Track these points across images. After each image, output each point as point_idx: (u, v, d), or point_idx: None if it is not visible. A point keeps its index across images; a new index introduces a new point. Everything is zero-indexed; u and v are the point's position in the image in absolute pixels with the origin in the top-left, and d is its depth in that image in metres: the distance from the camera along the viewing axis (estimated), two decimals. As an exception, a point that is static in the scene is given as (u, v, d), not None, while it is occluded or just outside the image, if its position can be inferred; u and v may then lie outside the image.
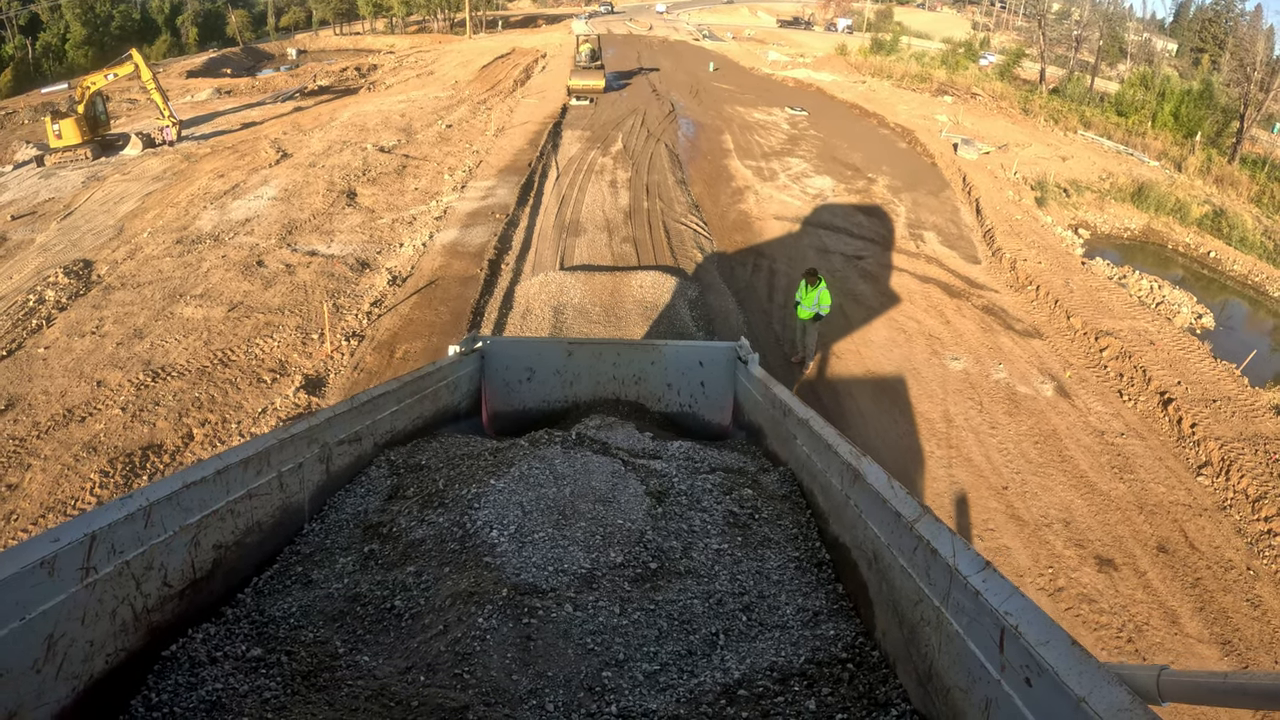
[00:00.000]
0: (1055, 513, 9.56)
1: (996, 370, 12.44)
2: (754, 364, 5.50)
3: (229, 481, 2.67)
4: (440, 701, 2.32)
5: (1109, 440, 11.35)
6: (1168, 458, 11.26)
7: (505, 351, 6.12)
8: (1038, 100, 39.47)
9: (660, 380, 6.07)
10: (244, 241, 15.72)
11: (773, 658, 2.53)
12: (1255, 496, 10.49)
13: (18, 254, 18.38)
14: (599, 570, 3.12)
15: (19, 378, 11.96)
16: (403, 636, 2.69)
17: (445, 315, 11.97)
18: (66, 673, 1.99)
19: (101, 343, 12.45)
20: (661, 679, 2.49)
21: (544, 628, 2.65)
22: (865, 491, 2.70)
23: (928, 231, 18.43)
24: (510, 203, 17.29)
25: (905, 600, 2.28)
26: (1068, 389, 12.42)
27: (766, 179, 21.21)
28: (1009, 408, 11.50)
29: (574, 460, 4.08)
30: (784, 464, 4.10)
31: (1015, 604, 1.75)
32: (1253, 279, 20.79)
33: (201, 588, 2.56)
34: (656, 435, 5.18)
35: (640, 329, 11.46)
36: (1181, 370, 13.31)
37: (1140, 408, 12.39)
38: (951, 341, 13.11)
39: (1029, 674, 1.63)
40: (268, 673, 2.39)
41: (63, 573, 1.96)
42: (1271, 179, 29.53)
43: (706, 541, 3.40)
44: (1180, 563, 9.32)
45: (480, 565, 3.08)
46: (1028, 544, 8.96)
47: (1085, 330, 14.33)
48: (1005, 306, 14.92)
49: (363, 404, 3.86)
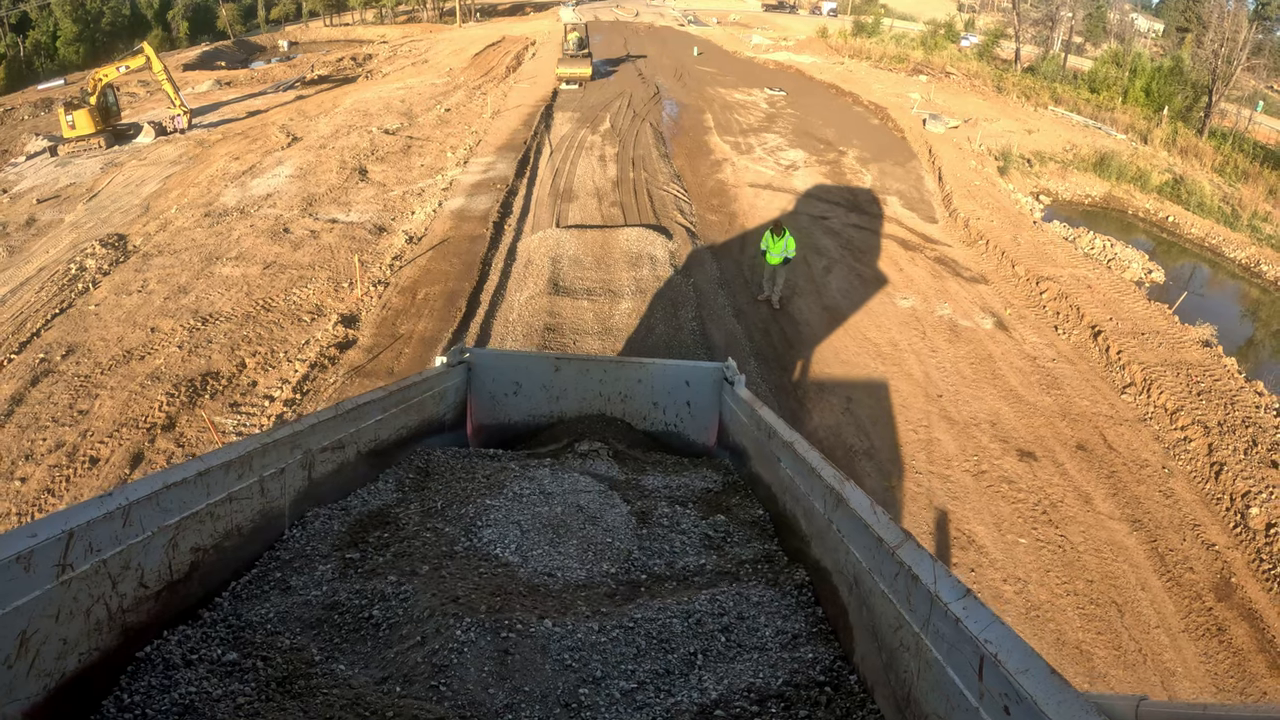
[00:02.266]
0: (984, 416, 11.28)
1: (941, 308, 14.17)
2: (740, 385, 5.45)
3: (210, 484, 2.65)
4: (415, 713, 2.32)
5: (1040, 364, 13.05)
6: (1094, 379, 12.91)
7: (492, 364, 6.11)
8: (1011, 78, 40.91)
9: (646, 399, 6.08)
10: (268, 213, 17.33)
11: (750, 679, 2.54)
12: (1173, 409, 11.99)
13: (49, 232, 19.81)
14: (589, 585, 3.24)
15: (75, 329, 13.52)
16: (379, 646, 2.70)
17: (458, 266, 13.72)
18: (39, 670, 1.99)
19: (149, 298, 14.05)
20: (638, 697, 2.50)
21: (521, 643, 2.67)
22: (848, 516, 2.69)
23: (891, 196, 20.12)
24: (509, 175, 19.03)
25: (885, 625, 2.28)
26: (1006, 324, 14.13)
27: (743, 153, 22.88)
28: (950, 337, 13.22)
29: (562, 480, 4.29)
30: (767, 486, 4.11)
31: (995, 632, 1.75)
32: (1209, 241, 21.99)
33: (178, 590, 2.52)
34: (639, 458, 5.35)
35: (627, 275, 13.17)
36: (1115, 309, 14.95)
37: (1073, 339, 14.06)
38: (903, 285, 14.82)
39: (1007, 702, 1.62)
40: (242, 678, 2.39)
41: (39, 569, 1.95)
42: (1236, 150, 30.60)
43: (686, 561, 3.53)
44: (1098, 460, 10.85)
45: (480, 576, 3.20)
46: (956, 438, 10.69)
47: (1028, 277, 16.01)
48: (956, 258, 16.63)
49: (347, 411, 3.82)
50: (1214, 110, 34.75)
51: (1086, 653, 8.08)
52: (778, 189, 19.68)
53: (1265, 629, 8.64)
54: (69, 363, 12.45)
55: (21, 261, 17.89)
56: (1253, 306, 19.12)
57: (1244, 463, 10.89)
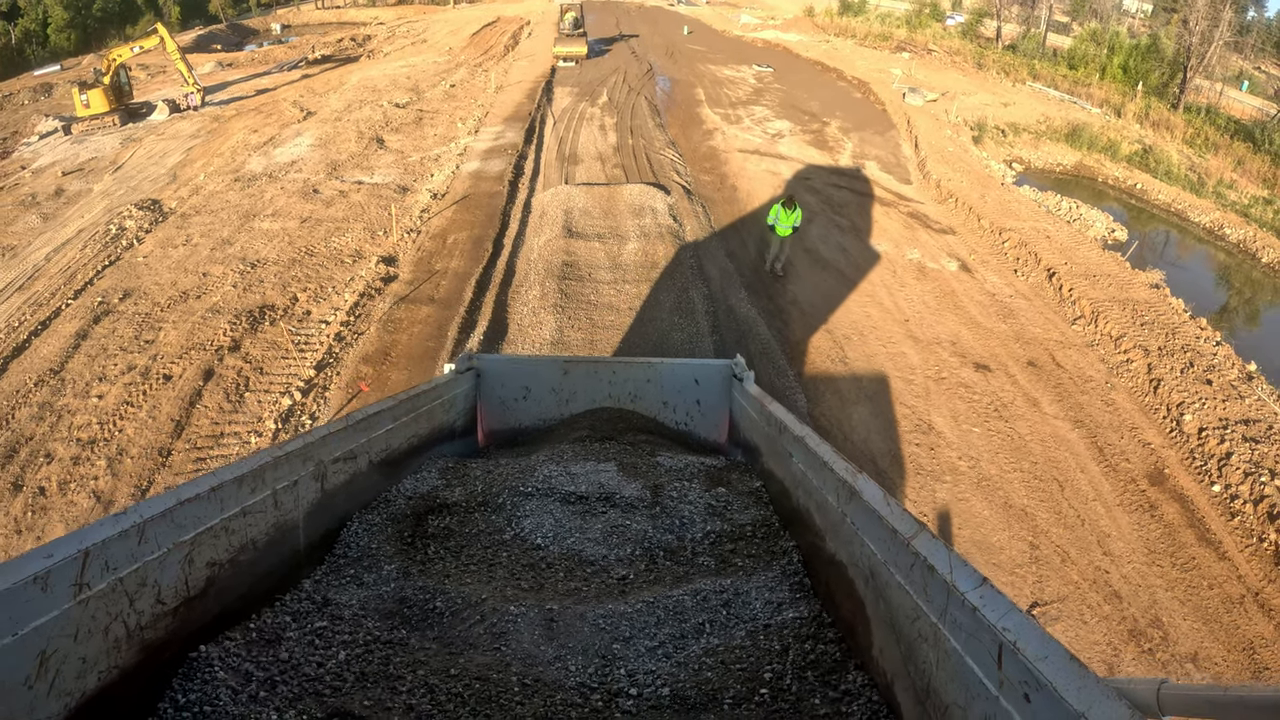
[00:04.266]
0: (945, 337, 12.90)
1: (911, 253, 15.79)
2: (749, 381, 5.49)
3: (223, 499, 2.68)
4: (482, 660, 2.74)
5: (999, 299, 14.66)
6: (1047, 312, 14.47)
7: (501, 370, 6.15)
8: (992, 55, 42.26)
9: (656, 398, 6.13)
10: (296, 178, 18.75)
11: (744, 639, 2.91)
12: (1118, 336, 13.46)
13: (80, 200, 20.91)
14: (615, 565, 3.63)
15: (127, 277, 14.75)
16: (445, 628, 3.01)
17: (481, 217, 15.32)
18: (59, 689, 2.02)
19: (195, 249, 15.45)
20: (659, 651, 2.87)
21: (564, 613, 3.10)
22: (861, 508, 2.73)
23: (869, 161, 21.70)
24: (518, 142, 20.58)
25: (902, 617, 2.31)
26: (970, 266, 15.75)
27: (733, 123, 24.42)
28: (917, 276, 14.85)
29: (584, 462, 4.69)
30: (780, 481, 4.17)
31: (1013, 620, 1.75)
32: (1175, 207, 23.20)
33: (195, 605, 2.57)
34: (649, 442, 5.58)
35: (632, 222, 14.75)
36: (1070, 256, 16.55)
37: (1030, 280, 15.68)
38: (877, 235, 16.44)
39: (1028, 690, 1.63)
40: (326, 649, 2.70)
41: (56, 588, 1.98)
42: (1208, 124, 31.66)
43: (694, 530, 3.91)
44: (1047, 374, 12.36)
45: (524, 563, 3.61)
46: (920, 353, 12.32)
47: (992, 228, 17.64)
48: (927, 213, 18.25)
49: (358, 422, 3.86)
50: (1189, 87, 35.80)
51: (1030, 514, 9.54)
52: (764, 154, 21.25)
53: (1195, 510, 9.93)
54: (127, 304, 13.76)
55: (58, 226, 19.01)
56: (1210, 263, 20.38)
57: (1180, 380, 12.31)
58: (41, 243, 17.86)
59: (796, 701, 2.59)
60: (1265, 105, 36.89)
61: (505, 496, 4.19)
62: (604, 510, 4.11)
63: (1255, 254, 20.11)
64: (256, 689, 2.48)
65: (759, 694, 2.61)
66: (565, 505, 4.14)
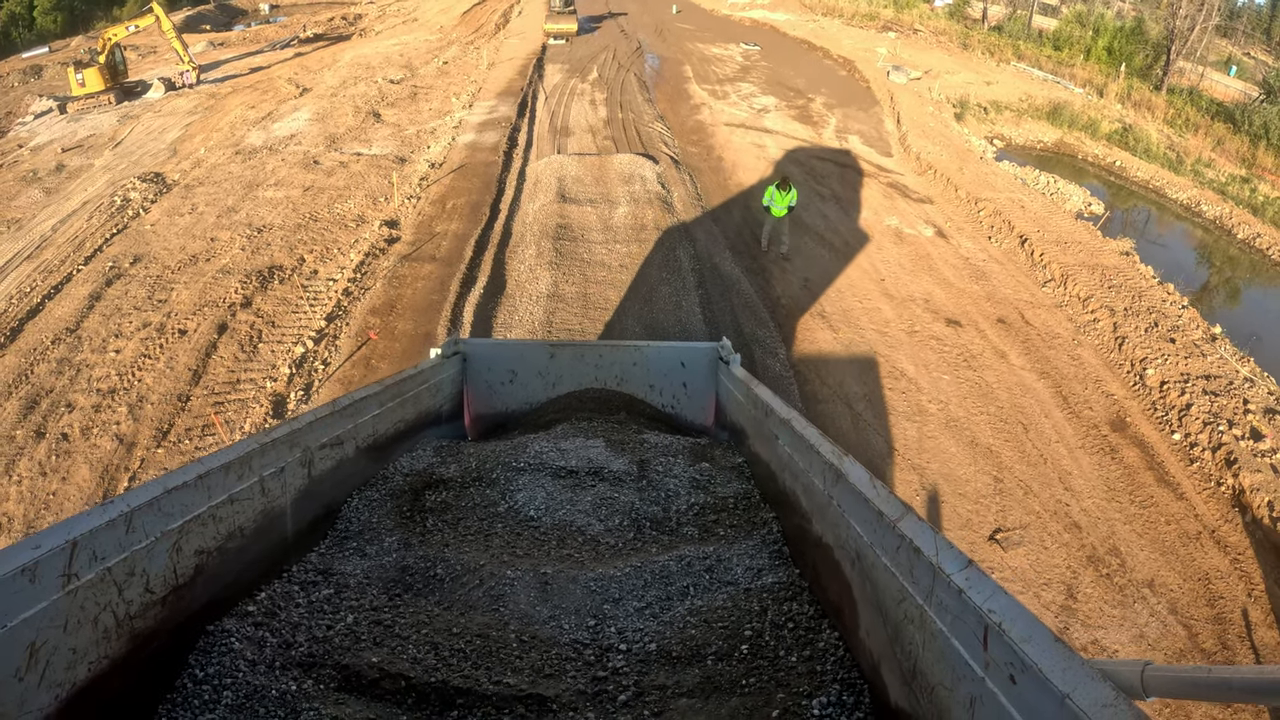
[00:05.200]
0: (919, 295, 13.62)
1: (889, 219, 16.50)
2: (735, 364, 5.53)
3: (210, 486, 2.69)
4: (482, 620, 2.92)
5: (973, 263, 15.37)
6: (1019, 275, 15.13)
7: (487, 354, 6.18)
8: (977, 36, 42.81)
9: (643, 381, 6.17)
10: (296, 150, 19.28)
11: (726, 601, 3.09)
12: (1085, 297, 14.12)
13: (82, 175, 21.29)
14: (605, 535, 3.81)
15: (136, 244, 15.23)
16: (446, 592, 3.18)
17: (477, 184, 15.99)
18: (49, 680, 2.02)
19: (201, 217, 15.99)
20: (646, 611, 3.06)
21: (557, 577, 3.29)
22: (848, 491, 2.74)
23: (852, 135, 22.36)
24: (512, 115, 21.20)
25: (889, 599, 2.33)
26: (945, 233, 16.47)
27: (720, 98, 25.02)
28: (895, 240, 15.57)
29: (574, 439, 4.89)
30: (766, 464, 4.20)
31: (999, 602, 1.77)
32: (1154, 184, 23.44)
33: (184, 594, 2.58)
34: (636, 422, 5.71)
35: (622, 189, 15.41)
36: (1043, 225, 17.22)
37: (1003, 246, 16.38)
38: (857, 203, 17.14)
39: (1013, 671, 1.65)
40: (334, 615, 2.83)
41: (44, 580, 1.98)
42: (1189, 105, 31.93)
43: (679, 502, 4.10)
44: (1015, 330, 13.03)
45: (519, 533, 3.78)
46: (895, 309, 13.05)
47: (969, 198, 18.33)
48: (906, 184, 18.94)
49: (344, 407, 3.87)
50: (1173, 69, 36.26)
51: (995, 452, 10.23)
52: (750, 128, 21.88)
53: (1154, 455, 10.50)
54: (138, 268, 14.27)
55: (61, 199, 19.45)
56: (1184, 237, 20.86)
57: (1145, 338, 12.91)
58: (46, 215, 18.24)
59: (774, 657, 2.75)
60: (1248, 88, 37.44)
61: (499, 472, 4.33)
62: (593, 484, 4.27)
63: (1231, 230, 20.46)
64: (272, 655, 2.62)
65: (739, 650, 2.79)
66: (556, 479, 4.29)
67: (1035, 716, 1.58)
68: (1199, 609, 8.51)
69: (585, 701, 2.60)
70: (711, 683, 2.65)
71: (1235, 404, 11.45)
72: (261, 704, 2.43)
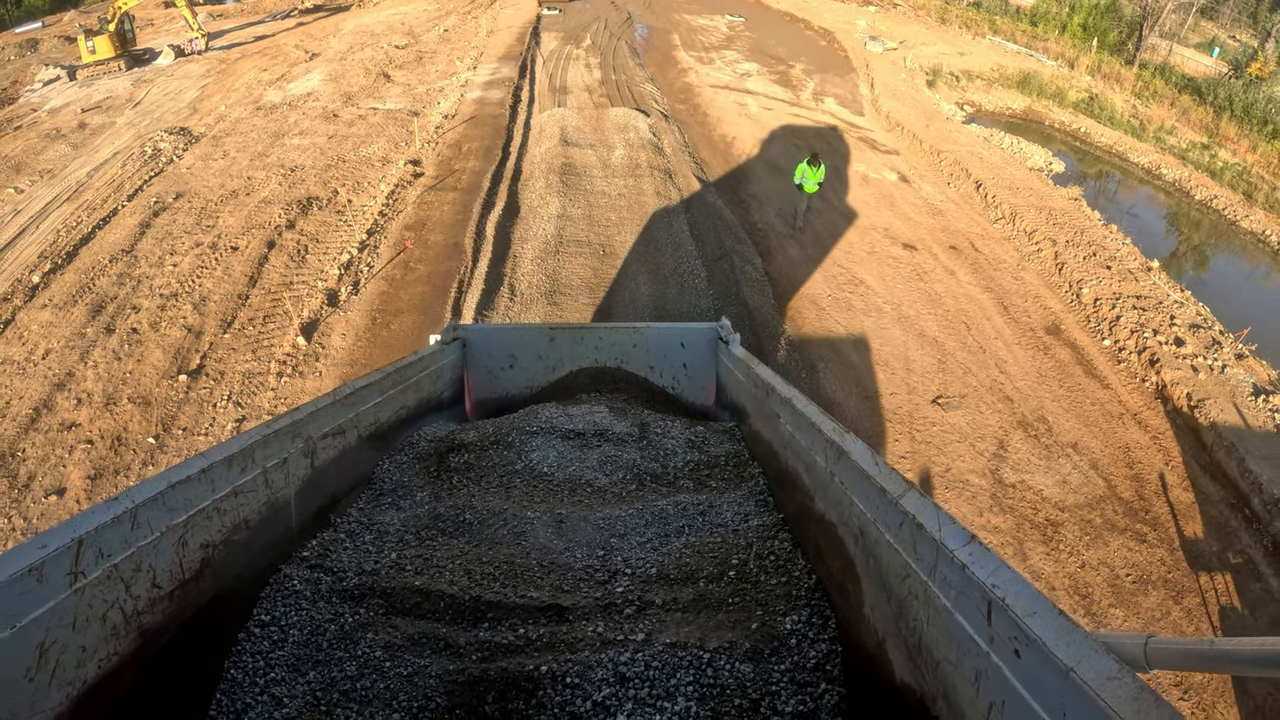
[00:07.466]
0: (880, 225, 15.47)
1: (857, 166, 18.34)
2: (735, 344, 5.59)
3: (214, 479, 2.68)
4: (508, 551, 3.38)
5: (930, 203, 17.21)
6: (972, 213, 16.93)
7: (487, 339, 6.23)
8: (955, 10, 44.31)
9: (643, 362, 6.22)
10: (314, 106, 20.84)
11: (716, 538, 3.48)
12: (1030, 230, 15.85)
13: (106, 131, 22.29)
14: (610, 487, 4.20)
15: (176, 184, 16.46)
16: (473, 534, 3.60)
17: (488, 132, 17.81)
18: (60, 679, 2.03)
19: (234, 161, 17.52)
20: (648, 545, 3.48)
21: (570, 517, 3.73)
22: (850, 468, 2.73)
23: (828, 98, 24.16)
24: (514, 76, 22.93)
25: (893, 575, 2.34)
26: (908, 178, 18.32)
27: (705, 64, 26.78)
28: (861, 184, 17.42)
29: (580, 405, 5.34)
30: (767, 443, 4.24)
31: (1002, 576, 1.78)
32: (1117, 149, 24.72)
33: (190, 588, 2.57)
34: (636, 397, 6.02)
35: (618, 137, 17.20)
36: (999, 174, 18.97)
37: (960, 190, 18.20)
38: (829, 152, 18.92)
39: (1017, 645, 1.66)
40: (379, 555, 3.32)
41: (51, 579, 1.98)
42: (1158, 78, 33.13)
43: (676, 461, 4.46)
44: (965, 256, 14.75)
45: (536, 485, 4.20)
46: (858, 235, 14.88)
47: (931, 150, 20.18)
48: (875, 138, 20.77)
49: (345, 396, 3.91)
50: (1145, 45, 37.37)
51: (940, 343, 11.91)
52: (733, 89, 23.66)
53: (1085, 355, 11.94)
54: (181, 202, 15.52)
55: (89, 152, 20.54)
56: (1140, 194, 22.18)
57: (1083, 264, 14.47)
58: (78, 165, 19.37)
59: (756, 581, 3.09)
60: (1219, 65, 38.62)
61: (514, 435, 4.67)
62: (599, 444, 4.61)
63: (1189, 192, 21.53)
64: (328, 590, 2.94)
65: (727, 575, 3.15)
66: (566, 440, 4.64)
67: (1040, 690, 1.59)
68: (1118, 469, 9.82)
69: (597, 613, 2.95)
70: (703, 600, 3.01)
71: (1163, 318, 12.71)
72: (324, 636, 2.73)
